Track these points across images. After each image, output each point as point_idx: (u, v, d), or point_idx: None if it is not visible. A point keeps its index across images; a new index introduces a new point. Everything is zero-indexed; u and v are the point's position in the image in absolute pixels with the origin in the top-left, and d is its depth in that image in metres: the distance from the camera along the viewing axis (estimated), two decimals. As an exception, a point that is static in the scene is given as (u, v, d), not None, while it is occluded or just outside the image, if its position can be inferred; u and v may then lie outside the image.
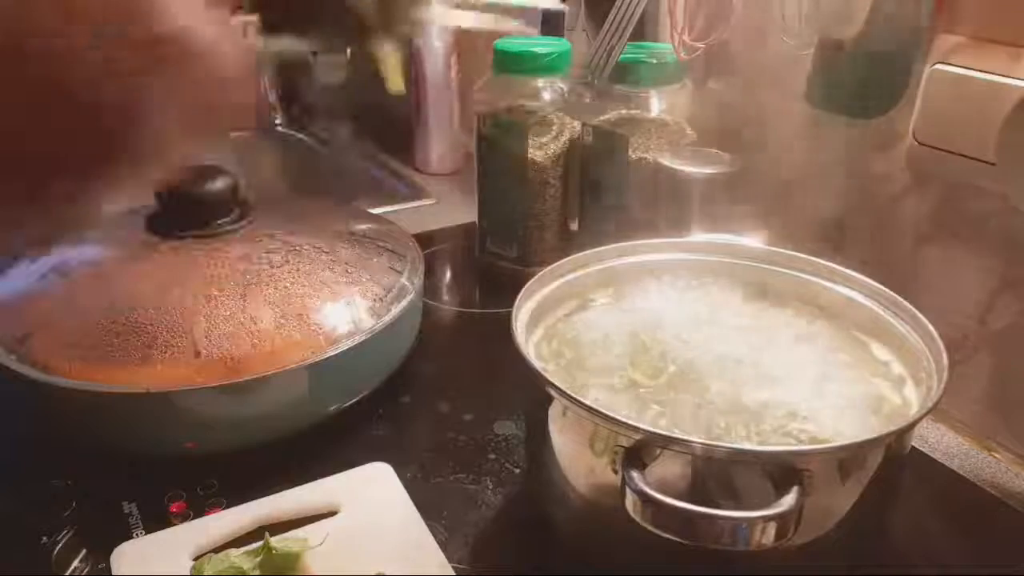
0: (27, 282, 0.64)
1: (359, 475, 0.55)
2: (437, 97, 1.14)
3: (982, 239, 0.60)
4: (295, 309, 0.59)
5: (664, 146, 0.76)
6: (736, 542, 0.37)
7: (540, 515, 0.52)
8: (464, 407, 0.65)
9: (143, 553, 0.50)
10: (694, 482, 0.41)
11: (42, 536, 0.52)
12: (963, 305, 0.61)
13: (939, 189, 0.62)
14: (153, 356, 0.55)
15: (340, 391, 0.62)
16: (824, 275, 0.56)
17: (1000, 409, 0.62)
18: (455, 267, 0.94)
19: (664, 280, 0.58)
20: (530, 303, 0.53)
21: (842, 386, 0.48)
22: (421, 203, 1.09)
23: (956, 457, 0.62)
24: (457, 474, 0.58)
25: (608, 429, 0.42)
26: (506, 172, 0.82)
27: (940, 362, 0.45)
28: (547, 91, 0.83)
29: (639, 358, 0.50)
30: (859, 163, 0.68)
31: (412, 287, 0.66)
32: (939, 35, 0.59)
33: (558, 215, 0.84)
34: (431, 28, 1.11)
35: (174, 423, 0.56)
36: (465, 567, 0.50)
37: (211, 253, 0.61)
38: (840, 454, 0.41)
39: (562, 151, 0.81)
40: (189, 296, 0.58)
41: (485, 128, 0.82)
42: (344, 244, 0.67)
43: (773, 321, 0.54)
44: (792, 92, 0.69)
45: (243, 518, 0.52)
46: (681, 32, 0.73)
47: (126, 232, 0.66)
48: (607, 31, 0.75)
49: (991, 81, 0.55)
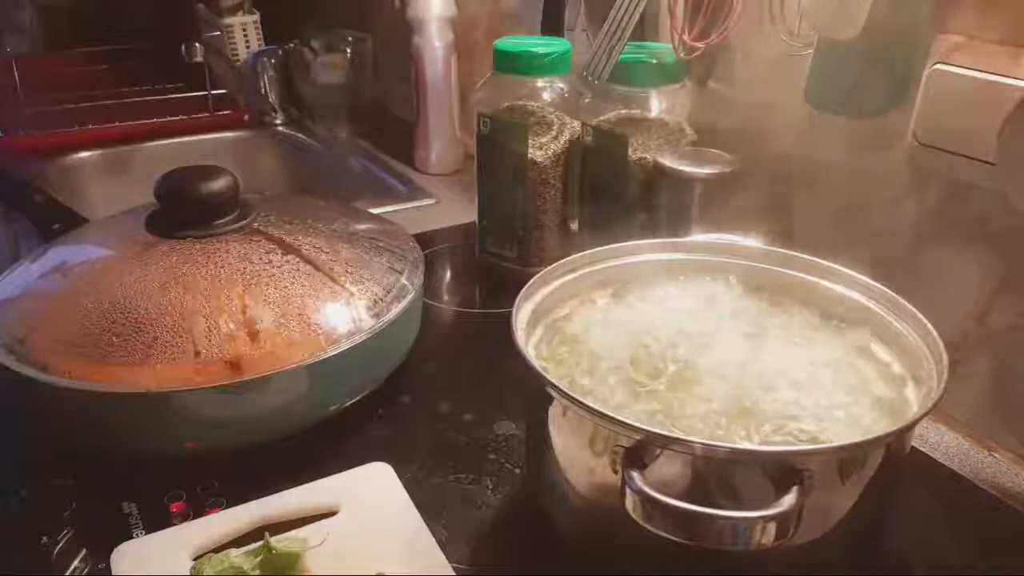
0: (27, 282, 0.64)
1: (359, 475, 0.55)
2: (437, 97, 1.14)
3: (982, 239, 0.60)
4: (295, 309, 0.59)
5: (664, 146, 0.76)
6: (736, 542, 0.37)
7: (540, 515, 0.52)
8: (464, 407, 0.65)
9: (143, 553, 0.50)
10: (694, 482, 0.41)
11: (42, 536, 0.52)
12: (963, 305, 0.61)
13: (939, 189, 0.62)
14: (153, 356, 0.55)
15: (340, 391, 0.62)
16: (824, 275, 0.56)
17: (1000, 409, 0.62)
18: (455, 267, 0.94)
19: (664, 280, 0.58)
20: (530, 303, 0.53)
21: (842, 386, 0.48)
22: (421, 203, 1.08)
23: (956, 457, 0.62)
24: (457, 474, 0.58)
25: (608, 429, 0.42)
26: (506, 172, 0.82)
27: (940, 362, 0.45)
28: (547, 91, 0.83)
29: (639, 358, 0.50)
30: (859, 163, 0.68)
31: (412, 287, 0.66)
32: (939, 35, 0.59)
33: (558, 215, 0.84)
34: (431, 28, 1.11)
35: (174, 423, 0.56)
36: (465, 567, 0.50)
37: (211, 253, 0.61)
38: (840, 454, 0.41)
39: (562, 151, 0.81)
40: (189, 296, 0.58)
41: (485, 128, 0.82)
42: (344, 244, 0.67)
43: (773, 321, 0.54)
44: (792, 92, 0.69)
45: (243, 518, 0.52)
46: (681, 32, 0.73)
47: (126, 232, 0.66)
48: (607, 31, 0.75)
49: (991, 81, 0.55)
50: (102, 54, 1.62)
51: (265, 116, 1.40)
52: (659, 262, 0.59)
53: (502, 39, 0.84)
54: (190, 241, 0.62)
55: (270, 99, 1.40)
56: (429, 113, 1.15)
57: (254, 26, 1.41)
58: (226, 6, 1.38)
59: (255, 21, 1.41)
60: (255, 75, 1.38)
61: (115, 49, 1.63)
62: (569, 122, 0.82)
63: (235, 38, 1.39)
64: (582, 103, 0.81)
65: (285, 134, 1.40)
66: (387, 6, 1.23)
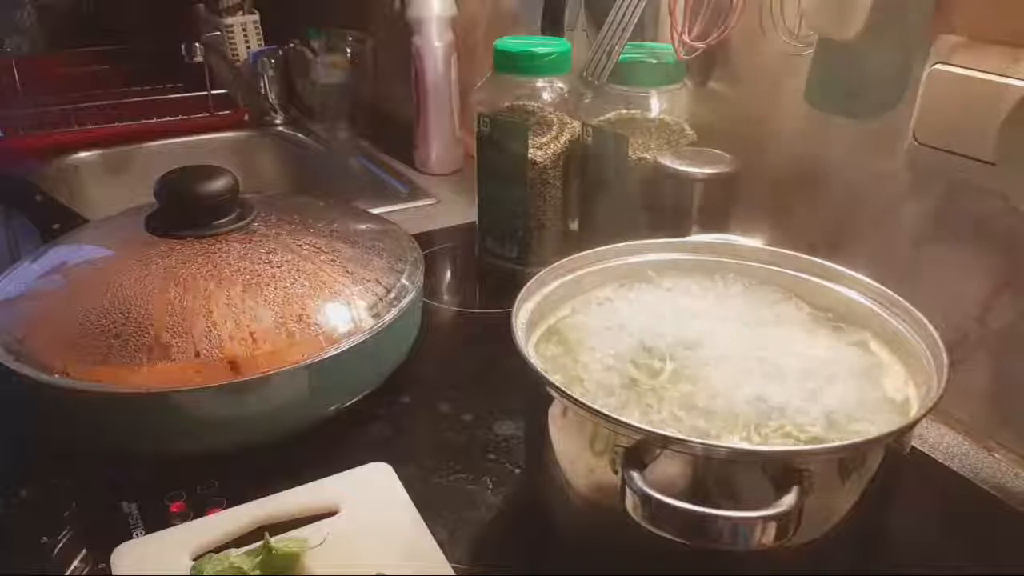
0: (27, 282, 0.64)
1: (359, 475, 0.55)
2: (437, 97, 1.14)
3: (982, 239, 0.60)
4: (295, 309, 0.59)
5: (664, 146, 0.76)
6: (736, 542, 0.37)
7: (540, 515, 0.52)
8: (464, 407, 0.65)
9: (143, 553, 0.50)
10: (694, 482, 0.41)
11: (42, 536, 0.52)
12: (963, 305, 0.61)
13: (939, 189, 0.62)
14: (153, 356, 0.55)
15: (340, 391, 0.62)
16: (824, 275, 0.56)
17: (1000, 409, 0.62)
18: (455, 267, 0.94)
19: (664, 280, 0.58)
20: (530, 303, 0.53)
21: (842, 386, 0.48)
22: (421, 203, 1.08)
23: (956, 457, 0.61)
24: (457, 474, 0.58)
25: (608, 429, 0.42)
26: (506, 172, 0.82)
27: (940, 362, 0.45)
28: (547, 91, 0.83)
29: (639, 358, 0.50)
30: (859, 163, 0.68)
31: (412, 287, 0.66)
32: (939, 35, 0.59)
33: (558, 215, 0.84)
34: (431, 28, 1.11)
35: (174, 423, 0.56)
36: (465, 567, 0.50)
37: (211, 253, 0.61)
38: (840, 454, 0.41)
39: (562, 151, 0.81)
40: (189, 296, 0.58)
41: (485, 128, 0.82)
42: (344, 244, 0.67)
43: (773, 321, 0.54)
44: (792, 92, 0.69)
45: (243, 518, 0.52)
46: (681, 32, 0.73)
47: (126, 232, 0.66)
48: (607, 31, 0.75)
49: (991, 81, 0.55)
50: (102, 54, 1.62)
51: (265, 116, 1.40)
52: (659, 262, 0.59)
53: (502, 39, 0.84)
54: (190, 241, 0.62)
55: (270, 99, 1.40)
56: (429, 113, 1.15)
57: (254, 26, 1.41)
58: (226, 6, 1.38)
59: (255, 21, 1.40)
60: (255, 75, 1.38)
61: (115, 49, 1.63)
62: (569, 122, 0.82)
63: (235, 38, 1.39)
64: (582, 103, 0.81)
65: (285, 134, 1.40)
66: (387, 6, 1.23)
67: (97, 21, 1.72)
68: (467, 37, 1.14)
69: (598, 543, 0.48)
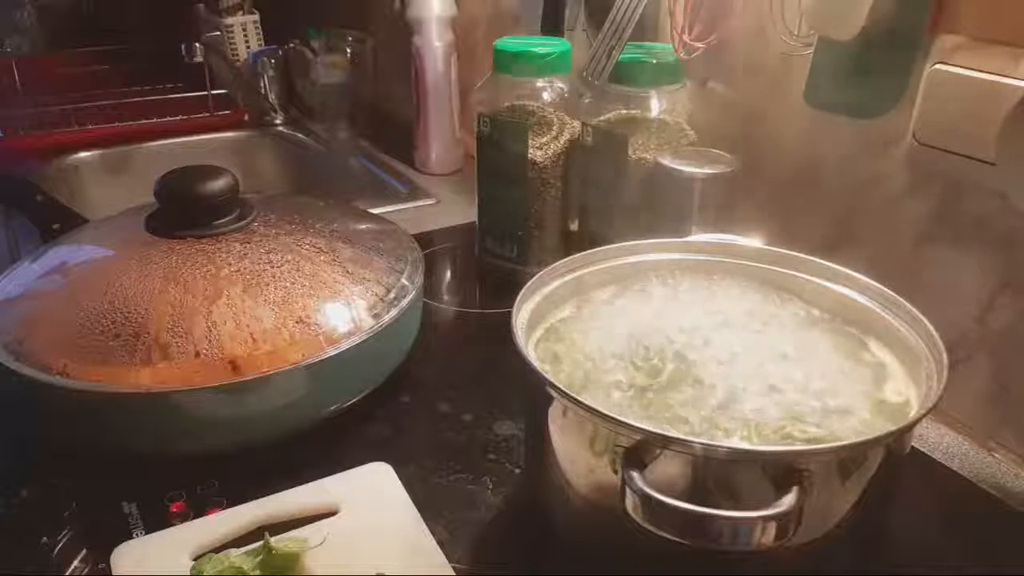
0: (27, 282, 0.64)
1: (359, 475, 0.55)
2: (437, 97, 1.14)
3: (982, 239, 0.60)
4: (295, 309, 0.59)
5: (664, 146, 0.76)
6: (736, 542, 0.37)
7: (540, 515, 0.52)
8: (464, 407, 0.65)
9: (143, 553, 0.50)
10: (694, 482, 0.41)
11: (42, 536, 0.52)
12: (963, 305, 0.61)
13: (939, 189, 0.62)
14: (153, 356, 0.55)
15: (340, 391, 0.62)
16: (824, 275, 0.56)
17: (1000, 409, 0.62)
18: (455, 267, 0.94)
19: (664, 280, 0.58)
20: (530, 303, 0.53)
21: (842, 386, 0.48)
22: (421, 203, 1.09)
23: (956, 457, 0.61)
24: (457, 474, 0.58)
25: (608, 429, 0.42)
26: (506, 172, 0.82)
27: (940, 362, 0.45)
28: (547, 91, 0.83)
29: (639, 358, 0.50)
30: (859, 163, 0.68)
31: (412, 287, 0.66)
32: (939, 35, 0.59)
33: (558, 215, 0.84)
34: (431, 28, 1.11)
35: (174, 423, 0.56)
36: (465, 567, 0.50)
37: (211, 253, 0.61)
38: (840, 454, 0.41)
39: (562, 151, 0.81)
40: (189, 296, 0.58)
41: (485, 128, 0.82)
42: (344, 244, 0.67)
43: (772, 321, 0.54)
44: (792, 92, 0.69)
45: (243, 518, 0.52)
46: (681, 32, 0.73)
47: (126, 232, 0.66)
48: (607, 31, 0.75)
49: (991, 81, 0.55)
50: (102, 54, 1.62)
51: (265, 116, 1.40)
52: (659, 262, 0.59)
53: (502, 39, 0.84)
54: (190, 241, 0.62)
55: (270, 99, 1.40)
56: (429, 113, 1.15)
57: (254, 26, 1.41)
58: (226, 6, 1.38)
59: (255, 21, 1.40)
60: (255, 75, 1.38)
61: (115, 49, 1.63)
62: (569, 122, 0.82)
63: (235, 38, 1.39)
64: (582, 103, 0.81)
65: (285, 134, 1.40)
66: (387, 6, 1.23)
67: (97, 21, 1.72)
68: (467, 37, 1.14)
69: (598, 543, 0.48)
